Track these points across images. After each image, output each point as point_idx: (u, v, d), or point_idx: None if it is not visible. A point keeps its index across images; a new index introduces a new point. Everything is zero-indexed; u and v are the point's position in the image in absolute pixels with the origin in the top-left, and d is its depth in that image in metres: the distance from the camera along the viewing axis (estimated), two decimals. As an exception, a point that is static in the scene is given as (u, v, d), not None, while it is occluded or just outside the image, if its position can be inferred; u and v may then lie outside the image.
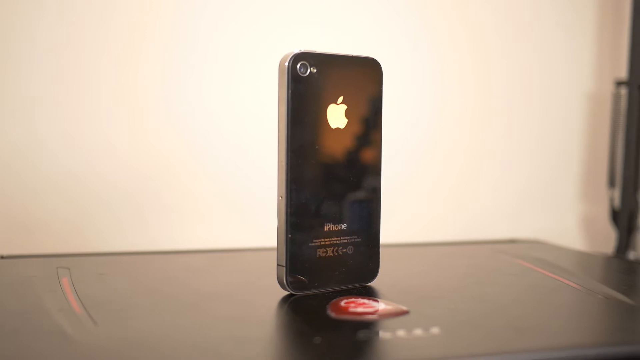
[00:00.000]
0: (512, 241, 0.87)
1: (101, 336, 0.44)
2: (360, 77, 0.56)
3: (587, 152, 1.00)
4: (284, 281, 0.53)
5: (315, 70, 0.53)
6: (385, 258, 0.59)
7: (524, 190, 0.98)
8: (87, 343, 0.42)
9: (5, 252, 0.71)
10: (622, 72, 0.97)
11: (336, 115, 0.55)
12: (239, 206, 0.86)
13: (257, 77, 0.85)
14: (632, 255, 0.95)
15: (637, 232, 0.96)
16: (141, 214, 0.83)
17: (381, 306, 0.51)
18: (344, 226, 0.56)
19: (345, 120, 0.55)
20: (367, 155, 0.57)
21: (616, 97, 0.96)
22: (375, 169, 0.57)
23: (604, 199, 0.98)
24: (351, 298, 0.53)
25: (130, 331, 0.45)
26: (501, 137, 0.97)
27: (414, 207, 0.93)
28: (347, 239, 0.56)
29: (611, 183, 0.96)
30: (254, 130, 0.85)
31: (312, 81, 0.53)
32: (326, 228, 0.55)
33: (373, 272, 0.58)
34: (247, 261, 0.70)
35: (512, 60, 0.96)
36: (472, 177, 0.96)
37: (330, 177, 0.55)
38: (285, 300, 0.53)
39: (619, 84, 0.96)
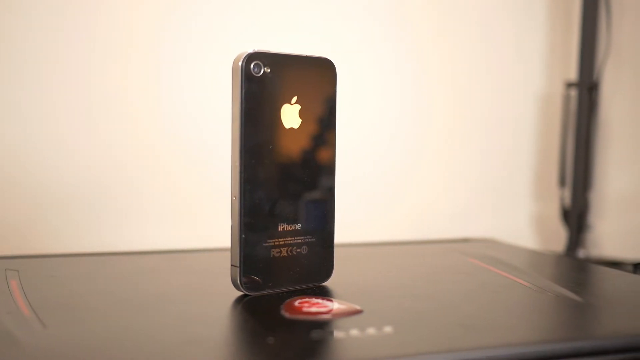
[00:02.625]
0: (465, 240, 0.88)
1: (50, 339, 0.43)
2: (314, 77, 0.56)
3: (538, 152, 1.02)
4: (238, 282, 0.53)
5: (269, 70, 0.53)
6: (339, 258, 0.59)
7: (477, 190, 0.99)
8: (34, 346, 0.41)
9: (-48, 255, 0.69)
10: (572, 74, 0.99)
11: (290, 116, 0.55)
12: (192, 206, 0.85)
13: (211, 77, 0.84)
14: (581, 253, 0.96)
15: (587, 231, 0.97)
16: (93, 215, 0.82)
17: (335, 306, 0.51)
18: (298, 226, 0.56)
19: (299, 121, 0.55)
20: (321, 155, 0.57)
21: (566, 99, 0.98)
22: (329, 169, 0.57)
23: (555, 198, 1.00)
24: (305, 298, 0.53)
25: (80, 333, 0.45)
26: (454, 138, 0.98)
27: (368, 206, 0.94)
28: (302, 239, 0.56)
29: (562, 183, 0.98)
30: (207, 130, 0.85)
31: (265, 81, 0.53)
32: (280, 228, 0.55)
33: (327, 272, 0.58)
34: (202, 262, 0.70)
35: (464, 62, 0.98)
36: (425, 178, 0.97)
37: (285, 177, 0.55)
38: (239, 300, 0.53)
39: (569, 85, 0.97)
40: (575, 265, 0.78)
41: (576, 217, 0.96)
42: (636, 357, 0.45)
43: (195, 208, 0.85)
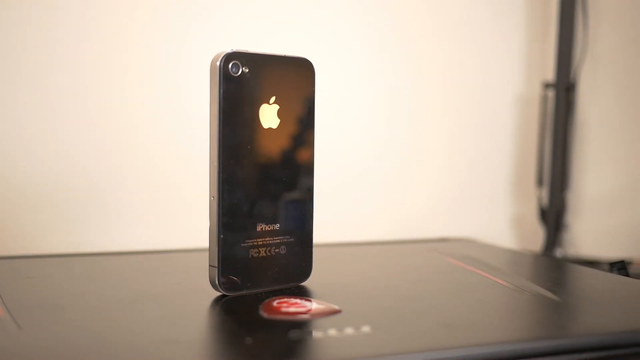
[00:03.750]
0: (443, 240, 0.88)
1: (25, 340, 0.43)
2: (293, 77, 0.56)
3: (516, 152, 1.02)
4: (216, 282, 0.53)
5: (247, 70, 0.53)
6: (318, 258, 0.59)
7: (455, 190, 1.00)
8: (8, 347, 0.41)
9: None
10: (550, 75, 1.00)
11: (268, 115, 0.54)
12: (172, 207, 0.85)
13: (190, 77, 0.84)
14: (559, 252, 0.97)
15: (564, 230, 0.98)
16: (72, 215, 0.81)
17: (313, 306, 0.51)
18: (276, 226, 0.56)
19: (278, 120, 0.55)
20: (300, 155, 0.57)
21: (544, 99, 0.98)
22: (308, 169, 0.57)
23: (533, 198, 1.01)
24: (283, 298, 0.53)
25: (56, 335, 0.44)
26: (433, 137, 0.98)
27: (346, 206, 0.94)
28: (280, 239, 0.56)
29: (539, 182, 0.99)
30: (188, 131, 0.85)
31: (244, 81, 0.53)
32: (259, 228, 0.54)
33: (306, 271, 0.58)
34: (181, 262, 0.69)
35: (443, 63, 0.98)
36: (403, 177, 0.97)
37: (263, 177, 0.54)
38: (217, 301, 0.52)
39: (546, 86, 0.98)
40: (552, 265, 0.79)
41: (554, 216, 0.97)
42: (612, 355, 0.45)
43: (175, 208, 0.85)
